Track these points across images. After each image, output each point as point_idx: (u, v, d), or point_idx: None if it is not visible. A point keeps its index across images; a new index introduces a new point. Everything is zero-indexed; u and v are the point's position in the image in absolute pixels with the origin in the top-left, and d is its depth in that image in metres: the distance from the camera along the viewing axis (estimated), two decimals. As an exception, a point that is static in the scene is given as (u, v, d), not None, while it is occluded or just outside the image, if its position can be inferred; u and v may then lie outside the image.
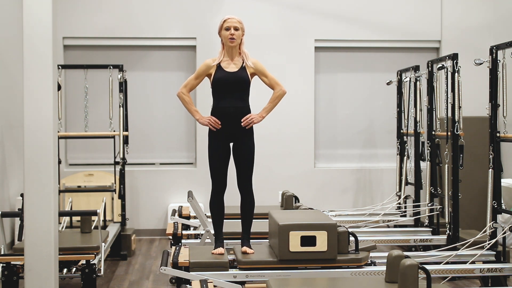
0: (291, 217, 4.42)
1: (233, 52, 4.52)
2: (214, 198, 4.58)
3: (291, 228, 4.21)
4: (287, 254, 4.21)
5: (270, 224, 4.59)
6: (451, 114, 5.33)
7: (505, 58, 4.76)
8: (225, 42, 4.50)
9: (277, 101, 4.58)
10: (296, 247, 4.20)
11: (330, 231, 4.22)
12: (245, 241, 4.51)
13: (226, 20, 4.50)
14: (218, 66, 4.52)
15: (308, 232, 4.21)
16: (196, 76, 4.61)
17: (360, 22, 7.62)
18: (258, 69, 4.55)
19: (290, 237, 4.19)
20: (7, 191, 6.29)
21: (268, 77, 4.58)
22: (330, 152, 7.79)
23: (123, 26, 7.42)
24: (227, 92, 4.48)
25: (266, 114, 4.55)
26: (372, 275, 4.21)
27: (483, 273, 4.52)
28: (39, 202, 3.73)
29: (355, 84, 7.79)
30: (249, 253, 4.38)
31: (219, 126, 4.49)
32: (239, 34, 4.48)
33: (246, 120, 4.46)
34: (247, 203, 4.58)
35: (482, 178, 6.19)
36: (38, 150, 3.72)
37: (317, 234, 4.21)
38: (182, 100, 4.61)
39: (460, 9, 7.63)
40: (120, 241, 6.29)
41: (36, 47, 3.70)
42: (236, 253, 4.44)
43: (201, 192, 7.35)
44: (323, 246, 4.21)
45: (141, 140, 7.55)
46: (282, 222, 4.25)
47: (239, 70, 4.49)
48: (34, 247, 3.73)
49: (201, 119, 4.56)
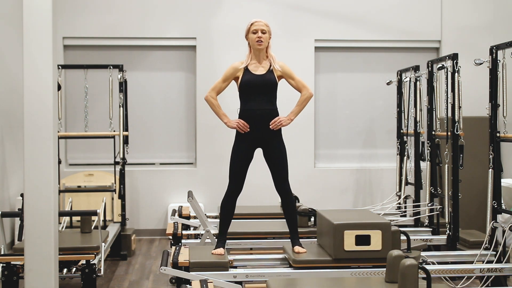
0: (344, 217, 4.44)
1: (261, 55, 4.55)
2: (227, 199, 4.57)
3: (346, 227, 4.23)
4: (342, 253, 4.23)
5: (321, 224, 4.60)
6: (451, 114, 5.33)
7: (505, 58, 4.75)
8: (253, 45, 4.52)
9: (304, 104, 4.61)
10: (350, 246, 4.22)
11: (385, 230, 4.25)
12: (295, 240, 4.52)
13: (253, 24, 4.52)
14: (246, 69, 4.54)
15: (362, 231, 4.24)
16: (224, 79, 4.61)
17: (360, 22, 7.62)
18: (286, 72, 4.57)
19: (345, 236, 4.21)
20: (7, 191, 6.29)
21: (295, 80, 4.61)
22: (330, 152, 7.79)
23: (123, 26, 7.42)
24: (255, 95, 4.49)
25: (294, 117, 4.59)
26: (373, 275, 4.21)
27: (483, 273, 4.52)
28: (39, 202, 3.72)
29: (355, 84, 7.79)
30: (302, 252, 4.40)
31: (247, 129, 4.49)
32: (266, 37, 4.52)
33: (275, 123, 4.48)
34: (288, 204, 4.60)
35: (482, 178, 6.19)
36: (38, 150, 3.72)
37: (372, 233, 4.24)
38: (210, 103, 4.62)
39: (460, 9, 7.63)
40: (120, 241, 6.29)
41: (36, 47, 3.70)
42: (287, 252, 4.46)
43: (201, 192, 7.35)
44: (377, 245, 4.24)
45: (141, 140, 7.55)
46: (337, 222, 4.26)
47: (266, 73, 4.52)
48: (34, 247, 3.73)
49: (229, 122, 4.57)
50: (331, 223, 4.28)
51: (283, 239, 5.19)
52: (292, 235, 4.56)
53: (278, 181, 4.56)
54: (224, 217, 4.59)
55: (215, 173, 7.46)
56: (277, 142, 4.53)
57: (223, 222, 4.59)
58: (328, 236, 4.35)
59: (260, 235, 5.17)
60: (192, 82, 7.61)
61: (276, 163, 4.53)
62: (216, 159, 7.48)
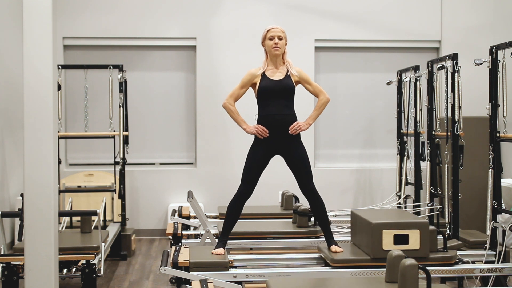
0: (381, 216, 4.47)
1: (277, 61, 4.57)
2: (236, 200, 4.56)
3: (385, 226, 4.25)
4: (380, 252, 4.23)
5: (356, 223, 4.61)
6: (451, 114, 5.33)
7: (505, 58, 4.75)
8: (269, 51, 4.55)
9: (322, 109, 4.64)
10: (389, 245, 4.23)
11: (423, 230, 4.26)
12: (331, 240, 4.53)
13: (270, 30, 4.55)
14: (263, 75, 4.55)
15: (401, 230, 4.25)
16: (241, 86, 4.61)
17: (360, 22, 7.62)
18: (303, 77, 4.60)
19: (383, 236, 4.23)
20: (7, 191, 6.29)
21: (312, 85, 4.64)
22: (330, 152, 7.79)
23: (123, 26, 7.42)
24: (273, 100, 4.51)
25: (312, 121, 4.63)
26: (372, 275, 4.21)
27: (483, 273, 4.52)
28: (39, 202, 3.73)
29: (355, 84, 7.79)
30: (339, 251, 4.41)
31: (267, 134, 4.50)
32: (283, 43, 4.54)
33: (294, 128, 4.50)
34: (318, 204, 4.60)
35: (482, 178, 6.19)
36: (38, 150, 3.72)
37: (410, 233, 4.25)
38: (229, 110, 4.61)
39: (460, 9, 7.64)
40: (120, 241, 6.29)
41: (36, 47, 3.70)
42: (323, 251, 4.47)
43: (201, 192, 7.35)
44: (415, 244, 4.25)
45: (141, 140, 7.55)
46: (375, 221, 4.28)
47: (284, 78, 4.53)
48: (34, 247, 3.73)
49: (248, 128, 4.56)
50: (369, 223, 4.30)
51: (283, 239, 5.19)
52: (327, 235, 4.57)
53: (303, 183, 4.57)
54: (230, 218, 4.58)
55: (215, 173, 7.47)
56: (297, 145, 4.56)
57: (227, 223, 4.58)
58: (365, 235, 4.37)
59: (260, 235, 5.17)
60: (192, 82, 7.61)
61: (299, 167, 4.55)
62: (216, 159, 7.48)
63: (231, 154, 7.46)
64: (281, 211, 6.11)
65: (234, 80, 7.57)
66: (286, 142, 4.52)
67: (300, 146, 4.58)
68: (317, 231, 5.20)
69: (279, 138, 4.51)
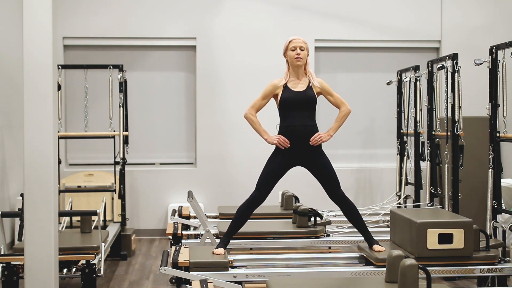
0: (425, 215, 4.51)
1: (299, 72, 4.58)
2: (248, 205, 4.56)
3: (429, 225, 4.27)
4: (424, 251, 4.26)
5: (398, 222, 4.63)
6: (451, 114, 5.33)
7: (505, 58, 4.76)
8: (291, 62, 4.57)
9: (343, 120, 4.70)
10: (433, 244, 4.26)
11: (467, 229, 4.28)
12: (372, 240, 4.55)
13: (292, 41, 4.59)
14: (285, 86, 4.56)
15: (445, 229, 4.27)
16: (263, 97, 4.62)
17: (360, 22, 7.62)
18: (324, 88, 4.63)
19: (428, 235, 4.25)
20: (7, 191, 6.29)
21: (334, 96, 4.68)
22: (330, 152, 7.73)
23: (123, 26, 7.42)
24: (296, 111, 4.52)
25: (333, 132, 4.67)
26: (373, 275, 4.21)
27: (483, 273, 4.52)
28: (39, 202, 3.72)
29: (355, 84, 7.79)
30: (382, 251, 4.43)
31: (288, 145, 4.50)
32: (305, 54, 4.57)
33: (315, 139, 4.52)
34: (350, 209, 4.62)
35: (482, 178, 6.18)
36: (38, 150, 3.72)
37: (454, 232, 4.27)
38: (250, 121, 4.61)
39: (460, 9, 7.64)
40: (120, 241, 6.29)
41: (36, 47, 3.70)
42: (365, 251, 4.49)
43: (201, 192, 7.35)
44: (460, 243, 4.27)
45: (141, 140, 7.55)
46: (420, 220, 4.30)
47: (306, 89, 4.55)
48: (34, 247, 3.73)
49: (269, 138, 4.57)
50: (414, 222, 4.31)
51: (283, 239, 5.19)
52: (367, 236, 4.58)
53: (331, 191, 4.59)
54: (238, 221, 4.58)
55: (215, 173, 7.47)
56: (320, 156, 4.59)
57: (234, 225, 4.58)
58: (409, 234, 4.39)
59: (260, 235, 5.16)
60: (192, 82, 7.61)
61: (325, 176, 4.57)
62: (216, 159, 7.48)
63: (231, 154, 7.46)
64: (281, 211, 6.10)
65: (234, 80, 7.62)
66: (308, 153, 4.54)
67: (322, 156, 4.61)
68: (317, 231, 5.20)
69: (300, 149, 4.52)
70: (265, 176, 4.54)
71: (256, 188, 4.56)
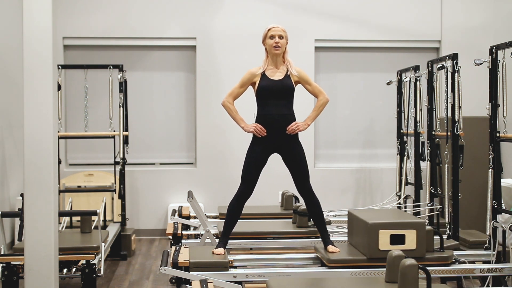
0: (378, 216, 4.47)
1: (278, 61, 4.56)
2: (236, 201, 4.56)
3: (381, 226, 4.25)
4: (376, 252, 4.24)
5: (353, 223, 4.62)
6: (451, 114, 5.33)
7: (505, 58, 4.75)
8: (270, 50, 4.55)
9: (321, 109, 4.65)
10: (385, 245, 4.24)
11: (419, 230, 4.27)
12: (327, 240, 4.53)
13: (271, 29, 4.55)
14: (263, 74, 4.55)
15: (397, 230, 4.26)
16: (241, 85, 4.62)
17: (360, 22, 7.62)
18: (302, 77, 4.59)
19: (380, 236, 4.23)
20: (7, 191, 6.29)
21: (312, 85, 4.64)
22: (330, 152, 7.79)
23: (123, 26, 7.42)
24: (273, 100, 4.51)
25: (311, 122, 4.63)
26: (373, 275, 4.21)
27: (483, 273, 4.52)
28: (39, 202, 3.73)
29: (355, 84, 7.79)
30: (335, 251, 4.42)
31: (264, 134, 4.50)
32: (284, 43, 4.54)
33: (292, 127, 4.50)
34: (313, 203, 4.61)
35: (482, 178, 6.18)
36: (38, 150, 3.72)
37: (406, 233, 4.25)
38: (228, 109, 4.62)
39: (460, 9, 7.64)
40: (120, 241, 6.30)
41: (36, 47, 3.70)
42: (320, 252, 4.47)
43: (201, 192, 7.35)
44: (412, 244, 4.25)
45: (141, 140, 7.55)
46: (372, 221, 4.28)
47: (284, 78, 4.53)
48: (34, 247, 3.73)
49: (246, 127, 4.57)
50: (366, 223, 4.30)
51: (283, 239, 5.19)
52: (323, 235, 4.58)
53: (299, 182, 4.59)
54: (230, 218, 4.58)
55: (215, 173, 7.47)
56: (295, 145, 4.57)
57: (228, 223, 4.58)
58: (362, 235, 4.38)
59: (260, 235, 5.17)
60: (192, 82, 7.61)
61: (296, 166, 4.56)
62: (216, 159, 7.48)
63: (231, 154, 7.46)
64: (281, 211, 6.11)
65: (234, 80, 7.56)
66: (284, 141, 4.53)
67: (298, 146, 4.58)
68: (317, 231, 5.20)
69: (277, 137, 4.51)
70: (247, 168, 4.54)
71: (241, 182, 4.56)
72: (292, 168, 4.58)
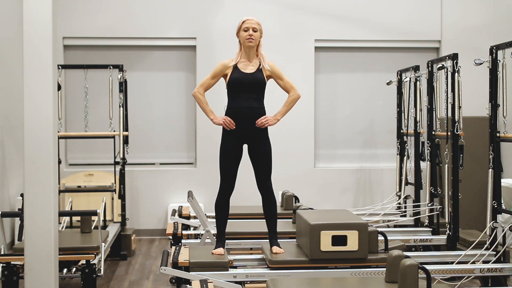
0: (321, 217, 4.45)
1: (251, 54, 4.55)
2: (220, 199, 4.57)
3: (323, 227, 4.24)
4: (318, 254, 4.23)
5: (299, 224, 4.60)
6: (451, 114, 5.33)
7: (505, 58, 4.76)
8: (243, 43, 4.55)
9: (292, 105, 4.62)
10: (327, 246, 4.22)
11: (361, 231, 4.25)
12: (273, 240, 4.52)
13: (245, 21, 4.55)
14: (235, 66, 4.55)
15: (339, 231, 4.24)
16: (213, 76, 4.61)
17: (360, 22, 7.62)
18: (275, 72, 4.58)
19: (321, 237, 4.22)
20: (7, 191, 6.29)
21: (284, 80, 4.62)
22: (330, 152, 7.79)
23: (123, 26, 7.42)
24: (243, 93, 4.49)
25: (281, 117, 4.60)
26: (372, 275, 4.21)
27: (483, 273, 4.52)
28: (39, 202, 3.73)
29: (355, 84, 7.79)
30: (279, 252, 4.40)
31: (233, 126, 4.49)
32: (257, 36, 4.53)
33: (261, 121, 4.48)
34: (270, 202, 4.59)
35: (482, 178, 6.19)
36: (38, 150, 3.72)
37: (348, 234, 4.24)
38: (198, 99, 4.63)
39: (460, 9, 7.64)
40: (120, 241, 6.29)
41: (36, 47, 3.70)
42: (265, 252, 4.45)
43: (201, 192, 7.35)
44: (354, 245, 4.24)
45: (141, 140, 7.55)
46: (313, 222, 4.26)
47: (255, 71, 4.52)
48: (34, 247, 3.73)
49: (215, 119, 4.56)
50: (308, 223, 4.28)
51: (283, 239, 5.18)
52: (271, 235, 4.56)
53: (261, 178, 4.56)
54: (220, 217, 4.59)
55: (215, 173, 7.39)
56: (263, 140, 4.53)
57: (219, 222, 4.59)
58: (305, 236, 4.35)
59: (260, 235, 5.16)
60: (192, 82, 7.61)
61: (260, 161, 4.54)
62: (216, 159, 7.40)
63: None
64: (281, 211, 6.10)
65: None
66: (253, 135, 4.50)
67: (265, 141, 4.54)
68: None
69: (246, 131, 4.49)
70: (223, 163, 4.55)
71: (221, 180, 4.56)
72: (255, 163, 4.56)
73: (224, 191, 4.56)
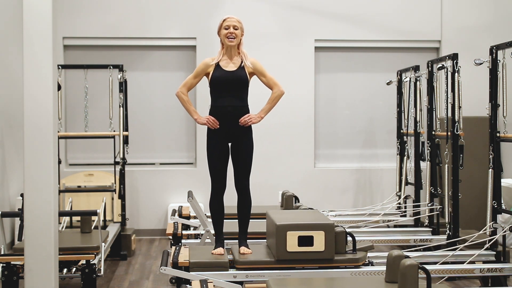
0: (289, 217, 4.43)
1: (232, 52, 4.53)
2: (213, 199, 4.58)
3: (289, 228, 4.22)
4: (284, 254, 4.22)
5: (268, 224, 4.60)
6: (451, 114, 5.33)
7: (505, 58, 4.76)
8: (224, 41, 4.52)
9: (275, 102, 4.59)
10: (293, 247, 4.21)
11: (328, 231, 4.23)
12: (242, 241, 4.52)
13: (226, 20, 4.52)
14: (217, 65, 4.53)
15: (305, 232, 4.22)
16: (195, 75, 4.62)
17: (360, 22, 7.62)
18: (257, 69, 4.56)
19: (288, 237, 4.20)
20: (7, 191, 6.29)
21: (267, 77, 4.59)
22: (330, 152, 7.79)
23: (123, 26, 7.42)
24: (226, 91, 4.49)
25: (264, 114, 4.57)
26: (372, 275, 4.21)
27: (483, 273, 4.52)
28: (39, 202, 3.72)
29: (355, 84, 7.79)
30: (247, 253, 4.39)
31: (217, 126, 4.48)
32: (239, 34, 4.50)
33: (245, 119, 4.46)
34: (244, 202, 4.59)
35: (482, 178, 6.19)
36: (38, 150, 3.72)
37: (315, 234, 4.22)
38: (181, 99, 4.63)
39: (460, 9, 7.63)
40: (120, 241, 6.29)
41: (36, 47, 3.70)
42: (233, 253, 4.45)
43: (201, 192, 7.35)
44: (320, 246, 4.22)
45: (141, 140, 7.55)
46: (280, 222, 4.25)
47: (237, 69, 4.50)
48: (34, 247, 3.73)
49: (199, 118, 4.57)
50: (275, 224, 4.27)
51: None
52: (241, 235, 4.56)
53: (239, 178, 4.56)
54: (215, 217, 4.59)
55: (215, 173, 7.45)
56: (246, 139, 4.53)
57: (216, 222, 4.60)
58: (272, 237, 4.35)
59: (260, 235, 5.16)
60: (192, 82, 7.60)
61: (241, 160, 4.53)
62: (216, 159, 7.47)
63: (231, 154, 7.44)
64: (281, 211, 6.09)
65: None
66: (236, 133, 4.50)
67: (248, 141, 4.54)
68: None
69: (230, 129, 4.49)
70: (211, 163, 4.58)
71: (212, 180, 4.59)
72: (235, 162, 4.56)
73: (216, 191, 4.58)
